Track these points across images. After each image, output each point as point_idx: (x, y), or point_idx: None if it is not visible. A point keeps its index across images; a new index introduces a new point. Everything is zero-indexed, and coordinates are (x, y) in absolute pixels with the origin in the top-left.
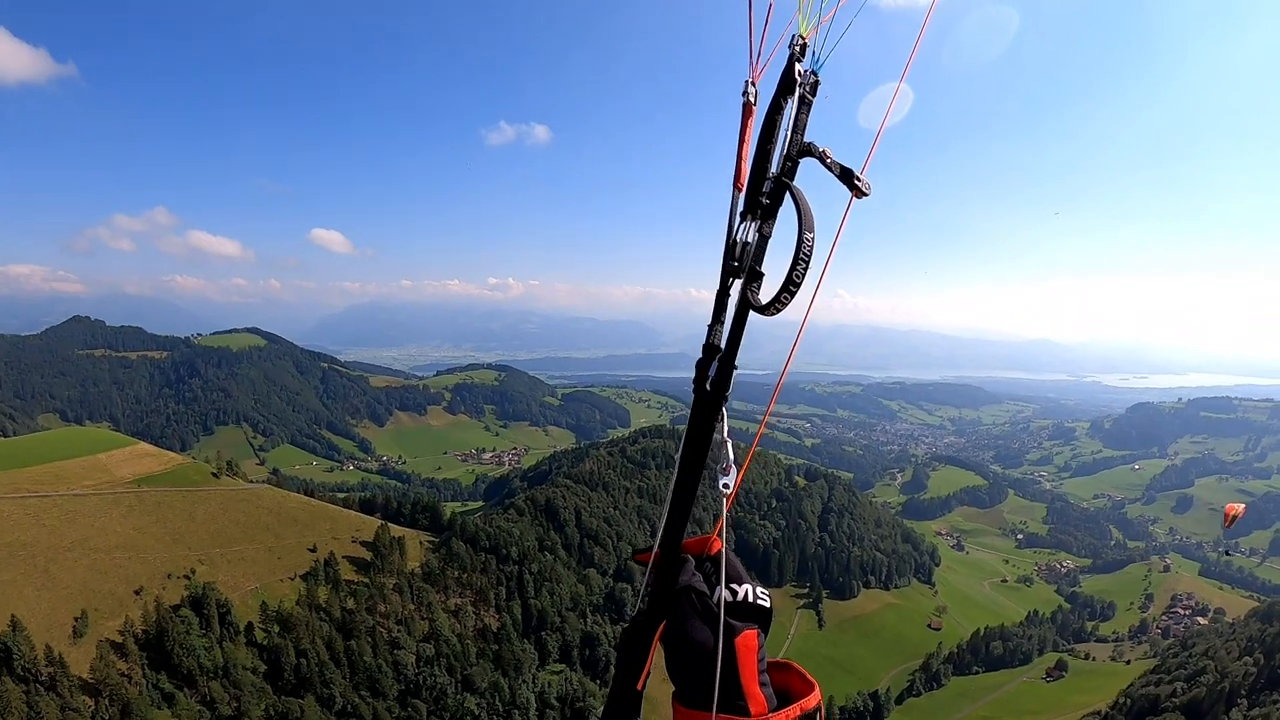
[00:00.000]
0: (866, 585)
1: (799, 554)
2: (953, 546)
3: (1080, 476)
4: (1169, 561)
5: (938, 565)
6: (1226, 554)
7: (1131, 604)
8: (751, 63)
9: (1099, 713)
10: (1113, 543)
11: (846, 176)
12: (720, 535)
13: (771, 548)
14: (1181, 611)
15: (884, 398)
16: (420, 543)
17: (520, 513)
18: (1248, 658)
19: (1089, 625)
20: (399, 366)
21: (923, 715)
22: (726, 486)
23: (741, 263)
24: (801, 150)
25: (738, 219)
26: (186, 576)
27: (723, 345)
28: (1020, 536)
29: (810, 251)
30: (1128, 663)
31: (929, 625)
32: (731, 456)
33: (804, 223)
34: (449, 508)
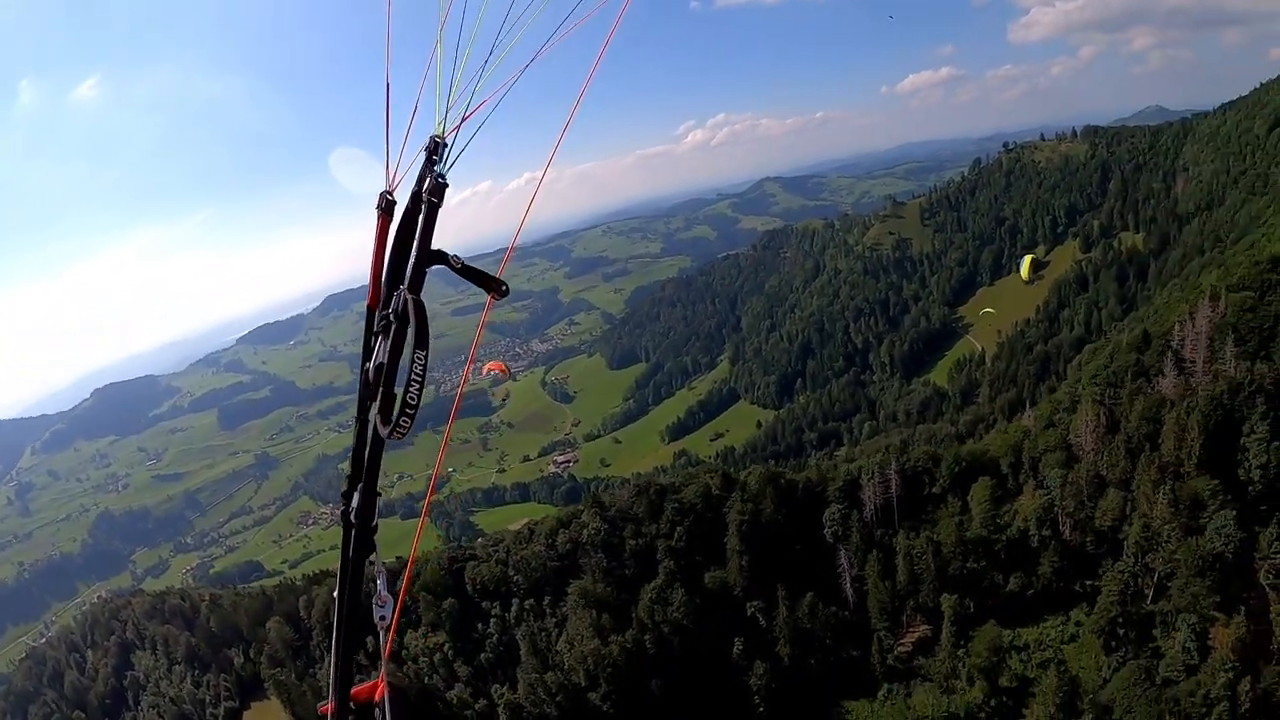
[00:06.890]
0: None
1: None
2: None
3: None
4: None
5: None
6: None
7: None
8: (388, 171)
9: None
10: None
11: (482, 280)
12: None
13: None
14: None
15: None
16: None
17: None
18: None
19: None
20: None
21: None
22: (384, 619)
23: (373, 388)
24: (431, 258)
25: (373, 339)
26: None
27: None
28: None
29: (424, 372)
30: None
31: None
32: (382, 587)
33: (417, 341)
34: None
